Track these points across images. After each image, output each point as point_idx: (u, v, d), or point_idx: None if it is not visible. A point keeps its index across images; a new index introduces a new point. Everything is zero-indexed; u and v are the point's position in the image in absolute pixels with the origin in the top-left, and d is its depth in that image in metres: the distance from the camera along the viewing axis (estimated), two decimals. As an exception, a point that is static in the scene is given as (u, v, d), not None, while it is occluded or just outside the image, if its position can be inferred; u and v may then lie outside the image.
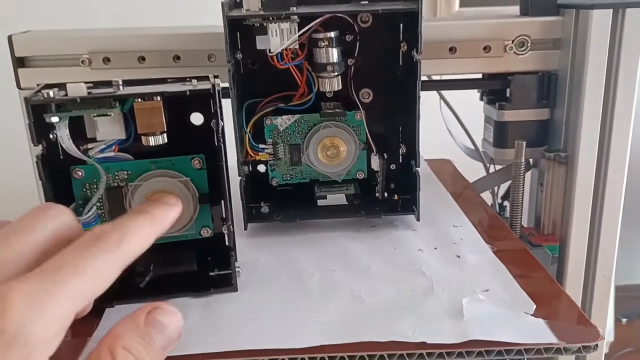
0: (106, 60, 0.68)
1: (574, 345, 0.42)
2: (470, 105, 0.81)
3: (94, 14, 1.36)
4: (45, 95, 0.43)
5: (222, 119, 0.48)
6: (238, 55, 0.61)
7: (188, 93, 0.46)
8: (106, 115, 0.45)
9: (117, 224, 0.36)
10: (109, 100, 0.45)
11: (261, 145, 0.63)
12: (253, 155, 0.63)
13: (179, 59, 0.68)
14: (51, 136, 0.46)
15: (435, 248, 0.57)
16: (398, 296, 0.49)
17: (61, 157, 0.48)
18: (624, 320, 1.96)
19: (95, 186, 0.49)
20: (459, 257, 0.55)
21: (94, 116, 0.45)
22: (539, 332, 0.43)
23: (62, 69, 0.69)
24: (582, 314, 0.46)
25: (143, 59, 0.68)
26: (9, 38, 0.69)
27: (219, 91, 0.47)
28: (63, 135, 0.44)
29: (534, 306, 0.45)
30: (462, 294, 0.48)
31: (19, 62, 0.69)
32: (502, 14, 0.73)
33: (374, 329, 0.44)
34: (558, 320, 0.44)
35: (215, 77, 0.50)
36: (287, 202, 0.65)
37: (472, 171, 0.84)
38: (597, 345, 0.42)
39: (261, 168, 0.67)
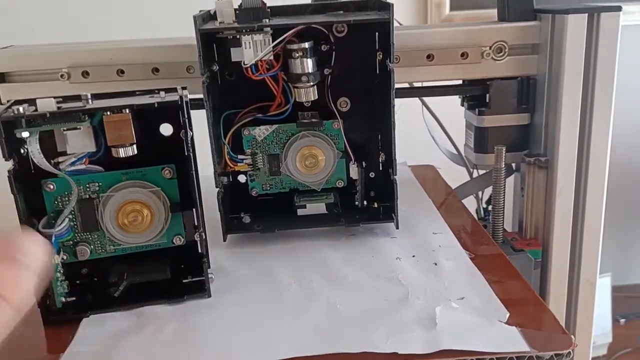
0: (85, 74, 0.69)
1: (547, 354, 0.42)
2: (453, 110, 0.82)
3: (76, 28, 1.36)
4: (16, 111, 0.43)
5: (191, 129, 0.49)
6: (214, 67, 0.61)
7: (156, 105, 0.47)
8: (76, 128, 0.45)
9: None
10: (78, 115, 0.45)
11: (240, 156, 0.64)
12: (232, 166, 0.63)
13: (157, 71, 0.69)
14: (22, 151, 0.47)
15: (414, 256, 0.57)
16: (373, 306, 0.49)
17: (32, 171, 0.48)
18: (622, 320, 1.95)
19: (66, 199, 0.49)
20: (436, 264, 0.55)
21: (64, 130, 0.45)
22: (511, 341, 0.43)
23: (42, 84, 0.69)
24: (556, 321, 0.46)
25: (122, 72, 0.69)
26: (-11, 54, 0.69)
27: (186, 102, 0.47)
28: (34, 150, 0.44)
29: (507, 314, 0.45)
30: (436, 302, 0.48)
31: (0, 78, 0.70)
32: (482, 21, 0.74)
33: (347, 340, 0.44)
34: (532, 328, 0.44)
35: (184, 88, 0.50)
36: (267, 212, 0.65)
37: (457, 176, 0.84)
38: (570, 352, 0.42)
39: (241, 178, 0.67)
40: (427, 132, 0.85)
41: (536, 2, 0.70)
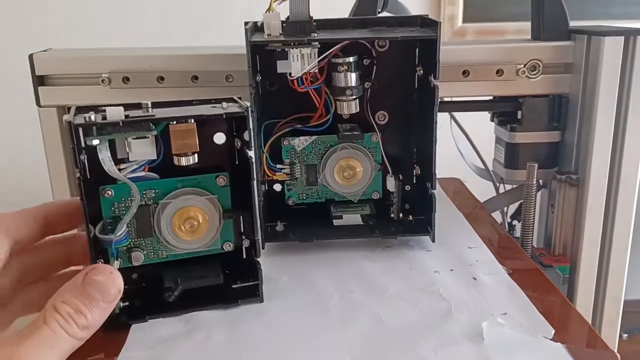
0: (125, 79, 0.70)
1: (593, 370, 0.42)
2: (479, 125, 0.83)
3: (113, 33, 1.37)
4: (87, 119, 0.44)
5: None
6: (257, 77, 0.62)
7: (224, 116, 0.48)
8: (144, 137, 0.46)
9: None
10: (148, 123, 0.46)
11: (278, 166, 0.64)
12: (270, 175, 0.64)
13: (197, 79, 0.70)
14: (81, 157, 0.47)
15: (452, 270, 0.58)
16: (417, 319, 0.49)
17: (88, 177, 0.49)
18: (625, 335, 1.96)
19: (123, 205, 0.50)
20: (475, 279, 0.56)
21: (133, 138, 0.46)
22: (558, 357, 0.43)
23: (82, 88, 0.70)
24: (599, 338, 0.47)
25: (162, 78, 0.70)
26: (30, 56, 0.70)
27: (250, 114, 0.49)
28: (105, 157, 0.45)
29: (553, 331, 0.46)
30: (481, 317, 0.49)
31: (39, 81, 0.71)
32: (504, 31, 0.75)
33: (396, 351, 0.45)
34: (577, 345, 0.45)
35: (239, 98, 0.51)
36: (302, 222, 0.66)
37: (480, 190, 0.85)
38: (615, 369, 0.43)
39: (277, 187, 0.68)
40: (452, 146, 0.87)
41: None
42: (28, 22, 1.45)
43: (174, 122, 0.47)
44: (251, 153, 0.50)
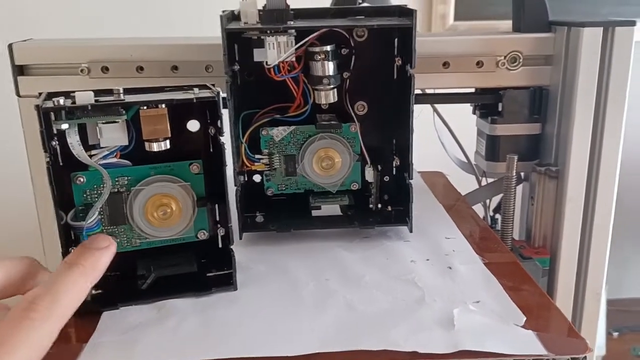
0: (105, 69, 0.69)
1: (563, 357, 0.42)
2: (463, 118, 0.83)
3: (93, 23, 1.36)
4: (56, 103, 0.44)
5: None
6: (235, 66, 0.62)
7: (195, 101, 0.47)
8: (114, 122, 0.46)
9: (48, 285, 0.39)
10: (118, 108, 0.46)
11: (257, 156, 0.64)
12: (249, 165, 0.64)
13: (177, 69, 0.69)
14: (53, 143, 0.47)
15: (428, 259, 0.58)
16: (391, 306, 0.49)
17: (61, 164, 0.48)
18: (616, 334, 1.97)
19: (95, 192, 0.50)
20: (450, 268, 0.56)
21: (102, 123, 0.46)
22: (528, 344, 0.43)
23: (61, 78, 0.70)
24: (571, 326, 0.47)
25: (141, 68, 0.69)
26: (9, 46, 0.69)
27: (222, 99, 0.49)
28: (73, 142, 0.45)
29: (524, 318, 0.46)
30: (453, 305, 0.49)
31: (19, 70, 0.70)
32: (496, 30, 0.75)
33: (367, 338, 0.44)
34: (547, 333, 0.45)
35: (213, 85, 0.51)
36: (281, 212, 0.66)
37: (464, 183, 0.85)
38: (585, 357, 0.43)
39: (256, 178, 0.67)
40: (434, 139, 0.87)
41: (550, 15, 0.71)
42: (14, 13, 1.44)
43: (145, 107, 0.47)
44: (223, 139, 0.50)
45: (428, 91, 0.77)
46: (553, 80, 0.71)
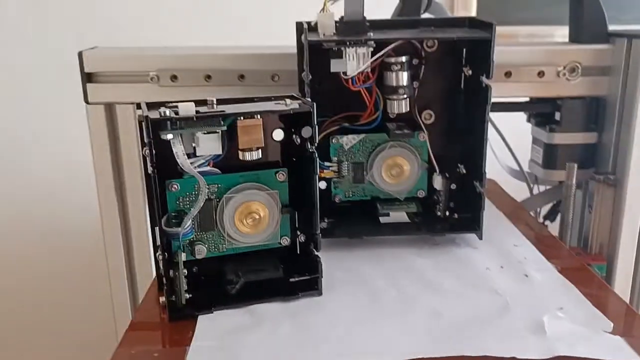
0: (173, 77, 0.71)
1: (656, 363, 0.44)
2: (512, 125, 0.84)
3: (160, 32, 1.36)
4: (162, 114, 0.45)
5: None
6: (309, 76, 0.63)
7: (292, 112, 0.49)
8: (215, 132, 0.47)
9: None
10: (219, 119, 0.47)
11: (326, 163, 0.66)
12: (319, 172, 0.65)
13: (243, 78, 0.71)
14: (145, 150, 0.48)
15: (502, 267, 0.59)
16: (476, 313, 0.50)
17: (156, 171, 0.50)
18: None
19: (187, 199, 0.51)
20: (526, 276, 0.57)
21: (203, 133, 0.47)
22: (620, 350, 0.45)
23: (130, 85, 0.71)
24: (657, 332, 0.48)
25: (209, 77, 0.71)
26: (79, 54, 0.71)
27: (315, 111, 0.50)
28: (179, 151, 0.46)
29: (612, 324, 0.47)
30: (537, 312, 0.50)
31: (88, 77, 0.72)
32: (517, 35, 0.76)
33: (462, 344, 0.46)
34: (635, 338, 0.46)
35: (300, 95, 0.53)
36: (348, 219, 0.67)
37: (513, 191, 0.86)
38: (677, 362, 0.44)
39: (322, 185, 0.68)
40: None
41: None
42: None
43: (242, 118, 0.49)
44: (313, 148, 0.51)
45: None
46: (611, 91, 0.72)
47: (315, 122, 0.50)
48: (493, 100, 0.76)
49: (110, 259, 0.76)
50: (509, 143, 0.88)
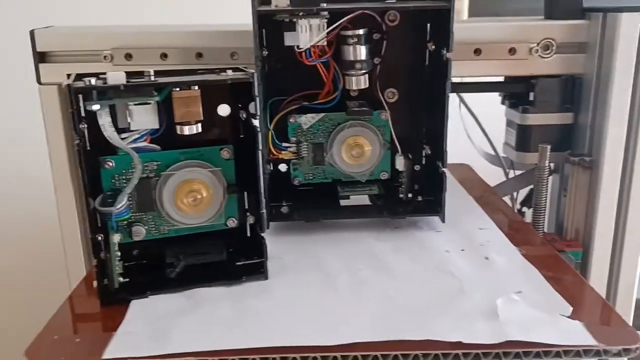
0: (128, 56, 0.68)
1: (615, 348, 0.41)
2: (489, 108, 0.81)
3: (115, 11, 1.34)
4: (87, 83, 0.42)
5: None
6: (264, 51, 0.60)
7: (229, 82, 0.46)
8: (146, 103, 0.44)
9: None
10: (150, 89, 0.44)
11: (284, 144, 0.63)
12: (276, 153, 0.63)
13: (201, 56, 0.68)
14: (81, 125, 0.46)
15: (462, 250, 0.56)
16: (429, 296, 0.48)
17: (88, 147, 0.47)
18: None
19: (124, 177, 0.48)
20: (487, 258, 0.54)
21: (134, 105, 0.44)
22: (577, 335, 0.42)
23: (84, 65, 0.68)
24: (619, 316, 0.45)
25: (165, 55, 0.68)
26: (31, 32, 0.68)
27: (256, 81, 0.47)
28: (105, 123, 0.43)
29: (571, 308, 0.44)
30: (494, 295, 0.47)
31: (40, 57, 0.69)
32: (528, 17, 0.73)
33: (407, 328, 0.43)
34: (596, 323, 0.43)
35: (245, 67, 0.50)
36: (308, 202, 0.65)
37: (490, 176, 0.83)
38: (637, 348, 0.41)
39: (282, 167, 0.66)
40: (459, 132, 0.84)
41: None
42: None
43: (178, 89, 0.46)
44: (256, 122, 0.49)
45: (455, 79, 0.75)
46: (587, 69, 0.69)
47: (257, 94, 0.47)
48: (465, 80, 0.74)
49: (66, 240, 0.73)
50: (488, 127, 0.85)
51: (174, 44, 0.68)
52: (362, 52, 0.58)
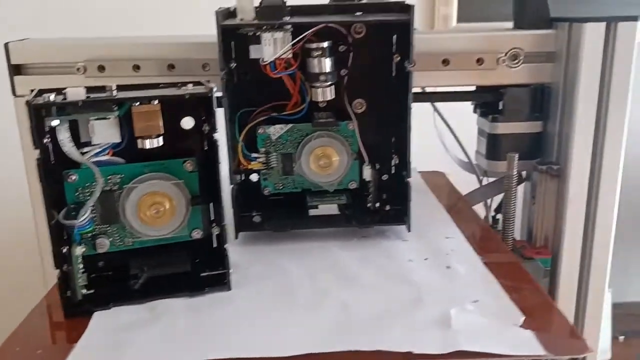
0: (101, 68, 0.69)
1: (562, 358, 0.42)
2: (464, 116, 0.82)
3: (89, 23, 1.36)
4: (46, 99, 0.43)
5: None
6: (232, 64, 0.61)
7: (187, 97, 0.47)
8: (105, 118, 0.45)
9: None
10: (110, 104, 0.45)
11: (254, 155, 0.64)
12: (245, 164, 0.63)
13: (173, 68, 0.69)
14: (45, 140, 0.46)
15: (426, 259, 0.57)
16: (386, 306, 0.48)
17: (52, 161, 0.48)
18: (621, 338, 1.95)
19: (88, 190, 0.49)
20: (449, 267, 0.55)
21: (94, 119, 0.45)
22: (527, 344, 0.42)
23: (58, 77, 0.69)
24: (571, 326, 0.46)
25: (138, 67, 0.69)
26: (6, 45, 0.69)
27: (215, 95, 0.48)
28: (64, 139, 0.44)
29: (523, 318, 0.45)
30: (450, 305, 0.48)
31: (15, 70, 0.70)
32: (498, 28, 0.74)
33: (361, 338, 0.43)
34: (547, 333, 0.44)
35: (208, 81, 0.50)
36: (278, 211, 0.65)
37: (466, 183, 0.84)
38: (585, 357, 0.42)
39: (253, 177, 0.67)
40: (435, 138, 0.85)
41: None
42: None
43: (137, 103, 0.47)
44: (217, 136, 0.49)
45: (428, 89, 0.76)
46: (554, 78, 0.70)
47: (214, 108, 0.48)
48: (437, 89, 0.75)
49: (43, 249, 0.74)
50: (463, 134, 0.86)
51: (146, 55, 0.69)
52: (326, 64, 0.59)
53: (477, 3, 1.75)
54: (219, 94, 0.56)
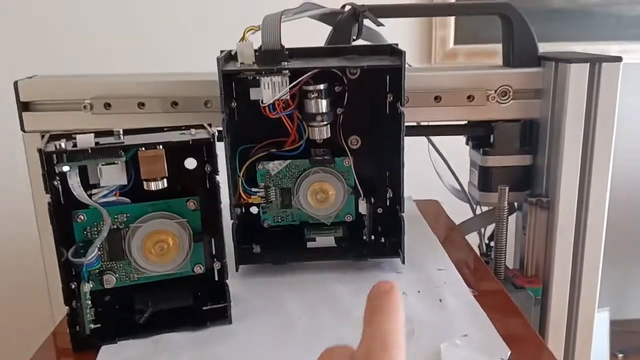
0: (107, 105, 0.72)
1: (546, 391, 0.44)
2: (458, 147, 0.84)
3: (97, 59, 1.39)
4: (58, 146, 0.46)
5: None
6: (233, 103, 0.64)
7: (190, 142, 0.49)
8: (113, 163, 0.48)
9: (377, 342, 0.31)
10: (117, 150, 0.48)
11: (254, 189, 0.66)
12: (246, 198, 0.66)
13: (176, 105, 0.72)
14: (55, 183, 0.49)
15: (419, 291, 0.59)
16: (380, 340, 0.51)
17: (62, 203, 0.50)
18: (620, 355, 1.96)
19: (95, 229, 0.52)
20: (441, 300, 0.57)
21: (102, 165, 0.48)
22: (512, 377, 0.45)
23: (65, 113, 0.72)
24: (554, 358, 0.48)
25: (142, 104, 0.72)
26: (15, 83, 0.72)
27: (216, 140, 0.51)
28: (74, 183, 0.47)
29: (509, 352, 0.48)
30: (441, 339, 0.50)
31: (24, 107, 0.72)
32: (488, 66, 0.77)
33: (356, 373, 0.46)
34: (532, 366, 0.46)
35: (209, 125, 0.53)
36: (277, 244, 0.68)
37: (460, 210, 0.87)
38: (567, 390, 0.44)
39: (253, 210, 0.69)
40: (431, 167, 0.88)
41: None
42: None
43: (143, 149, 0.49)
44: (219, 178, 0.52)
45: (423, 123, 0.79)
46: (542, 113, 0.73)
47: (216, 153, 0.51)
48: (430, 123, 0.78)
49: (51, 284, 0.76)
50: (457, 163, 0.88)
51: (151, 93, 0.72)
52: (323, 105, 0.62)
53: (473, 26, 1.79)
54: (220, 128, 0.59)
